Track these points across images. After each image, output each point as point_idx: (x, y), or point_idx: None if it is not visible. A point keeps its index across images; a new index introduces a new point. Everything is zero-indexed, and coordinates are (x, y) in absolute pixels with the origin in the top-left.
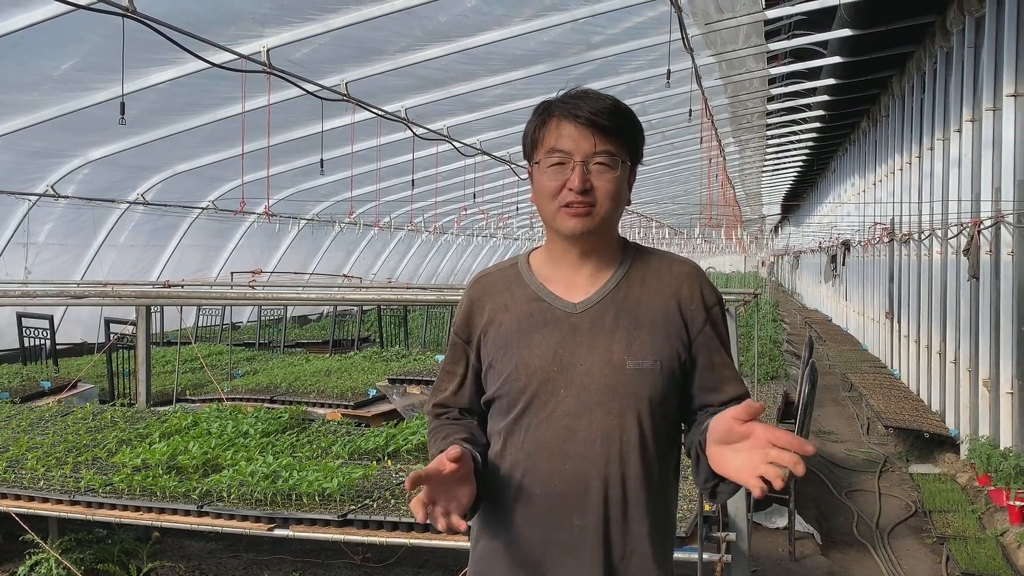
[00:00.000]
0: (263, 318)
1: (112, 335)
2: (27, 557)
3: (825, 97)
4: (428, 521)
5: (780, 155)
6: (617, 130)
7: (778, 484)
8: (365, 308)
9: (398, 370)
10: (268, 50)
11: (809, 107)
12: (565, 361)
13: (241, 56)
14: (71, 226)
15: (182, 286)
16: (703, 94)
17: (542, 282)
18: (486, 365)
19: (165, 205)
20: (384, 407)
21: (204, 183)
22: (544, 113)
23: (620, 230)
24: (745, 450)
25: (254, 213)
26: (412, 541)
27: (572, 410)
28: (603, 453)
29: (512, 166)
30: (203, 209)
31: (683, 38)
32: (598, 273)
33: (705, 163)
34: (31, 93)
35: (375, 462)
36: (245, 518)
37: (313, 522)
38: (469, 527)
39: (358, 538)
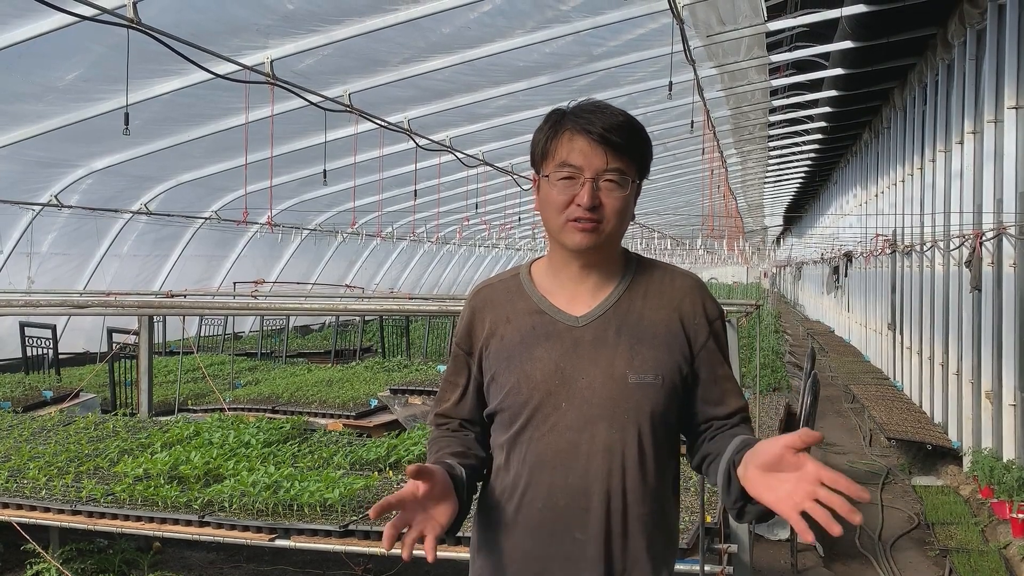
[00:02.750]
0: (265, 328)
1: (114, 345)
2: (28, 567)
3: (827, 109)
4: (393, 549)
5: (782, 166)
6: (628, 147)
7: (834, 530)
8: (367, 318)
9: (400, 380)
10: (272, 61)
11: (811, 118)
12: (567, 375)
13: (245, 67)
14: (74, 236)
15: (184, 296)
16: (705, 105)
17: (544, 294)
18: (488, 378)
19: (168, 215)
20: (386, 417)
21: (207, 193)
22: (556, 124)
23: (622, 240)
24: (791, 481)
25: (257, 223)
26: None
27: (574, 424)
28: (604, 466)
29: (514, 177)
30: (206, 219)
31: (685, 50)
32: (601, 286)
33: (707, 174)
34: (35, 103)
35: (377, 473)
36: (246, 528)
37: (314, 532)
38: (469, 538)
39: (359, 549)
